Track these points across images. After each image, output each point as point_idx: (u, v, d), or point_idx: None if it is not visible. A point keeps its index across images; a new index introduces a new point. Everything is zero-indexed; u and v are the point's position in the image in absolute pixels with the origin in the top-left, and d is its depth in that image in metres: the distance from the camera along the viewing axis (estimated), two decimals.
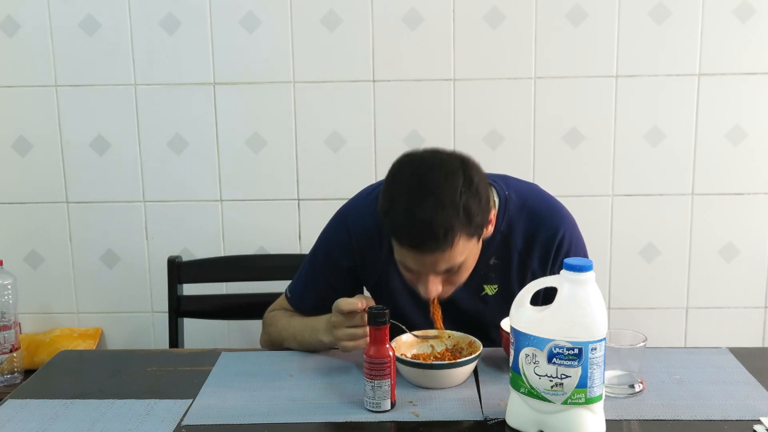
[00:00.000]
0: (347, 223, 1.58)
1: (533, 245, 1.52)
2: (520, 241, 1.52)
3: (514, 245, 1.52)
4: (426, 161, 1.37)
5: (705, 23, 2.17)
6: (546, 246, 1.52)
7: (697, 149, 2.24)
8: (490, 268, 1.53)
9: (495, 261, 1.52)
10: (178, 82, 2.24)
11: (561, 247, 1.52)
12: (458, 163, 1.36)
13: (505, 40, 2.19)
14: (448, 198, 1.31)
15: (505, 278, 1.54)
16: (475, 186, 1.34)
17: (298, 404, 1.31)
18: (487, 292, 1.55)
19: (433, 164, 1.35)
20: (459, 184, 1.32)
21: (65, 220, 2.33)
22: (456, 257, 1.35)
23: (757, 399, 1.30)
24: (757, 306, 2.32)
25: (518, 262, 1.53)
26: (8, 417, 1.29)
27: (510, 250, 1.52)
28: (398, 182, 1.37)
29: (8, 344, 2.12)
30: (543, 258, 1.52)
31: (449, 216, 1.30)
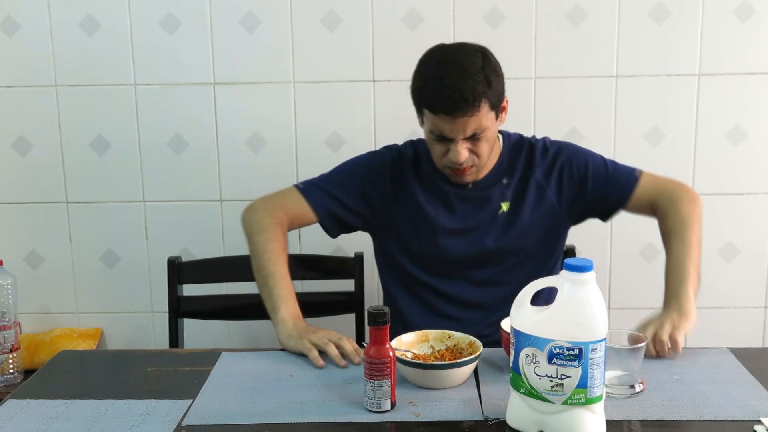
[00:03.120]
0: (379, 159, 1.78)
1: (532, 161, 1.75)
2: (521, 163, 1.75)
3: (516, 167, 1.75)
4: (450, 46, 1.65)
5: (705, 23, 2.17)
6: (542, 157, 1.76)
7: (697, 149, 2.24)
8: (504, 186, 1.74)
9: (506, 181, 1.74)
10: (178, 82, 2.24)
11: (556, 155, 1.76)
12: (478, 47, 1.63)
13: (505, 40, 2.19)
14: (473, 69, 1.56)
15: (516, 194, 1.73)
16: (493, 64, 1.61)
17: (298, 404, 1.31)
18: (503, 209, 1.74)
19: (456, 47, 1.63)
20: (480, 62, 1.58)
21: (65, 220, 2.33)
22: (482, 121, 1.58)
23: (757, 399, 1.30)
24: (757, 306, 2.32)
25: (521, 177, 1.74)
26: (8, 417, 1.29)
27: (514, 169, 1.75)
28: (427, 63, 1.63)
29: (8, 344, 2.12)
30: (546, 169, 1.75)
31: (475, 83, 1.55)
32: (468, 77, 1.55)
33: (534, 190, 1.73)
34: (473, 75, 1.55)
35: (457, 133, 1.59)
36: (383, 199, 1.76)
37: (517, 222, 1.73)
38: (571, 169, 1.74)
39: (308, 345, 1.52)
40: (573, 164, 1.75)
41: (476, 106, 1.55)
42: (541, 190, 1.74)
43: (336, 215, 1.78)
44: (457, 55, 1.60)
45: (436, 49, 1.65)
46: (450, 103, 1.55)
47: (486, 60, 1.60)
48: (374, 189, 1.76)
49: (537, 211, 1.73)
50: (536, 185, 1.73)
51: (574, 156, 1.76)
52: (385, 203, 1.76)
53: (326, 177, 1.81)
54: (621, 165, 1.80)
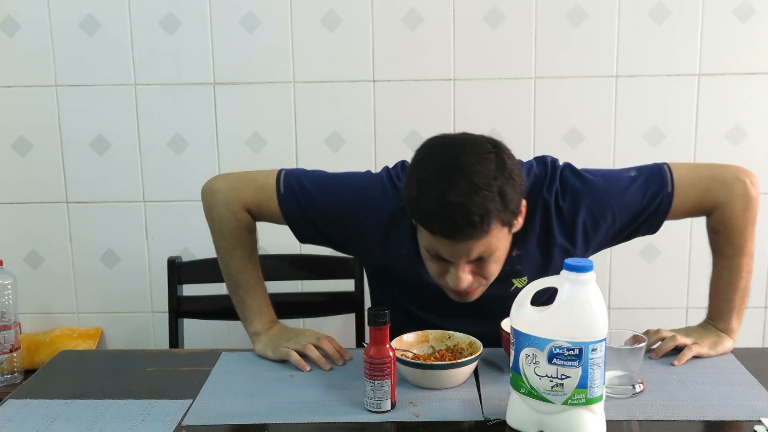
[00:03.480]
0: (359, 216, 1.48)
1: (549, 220, 1.45)
2: (536, 226, 1.45)
3: (531, 231, 1.44)
4: (456, 144, 1.31)
5: (705, 23, 2.17)
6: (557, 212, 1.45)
7: (697, 149, 2.24)
8: (515, 260, 1.45)
9: (517, 252, 1.44)
10: (178, 82, 2.24)
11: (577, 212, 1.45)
12: (490, 146, 1.30)
13: (505, 40, 2.19)
14: (483, 181, 1.24)
15: (533, 266, 1.47)
16: (509, 170, 1.28)
17: (298, 404, 1.31)
18: (517, 286, 1.48)
19: (464, 147, 1.29)
20: (492, 168, 1.26)
21: (65, 220, 2.33)
22: (491, 243, 1.29)
23: (757, 399, 1.30)
24: (757, 306, 2.32)
25: (539, 242, 1.46)
26: (8, 417, 1.29)
27: (528, 236, 1.44)
28: (427, 166, 1.29)
29: (8, 344, 2.12)
30: (565, 229, 1.45)
31: (485, 200, 1.24)
32: (476, 192, 1.23)
33: (558, 255, 1.44)
34: (482, 189, 1.24)
35: (458, 258, 1.31)
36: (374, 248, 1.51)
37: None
38: (595, 224, 1.45)
39: (285, 351, 1.46)
40: (597, 218, 1.45)
41: (485, 229, 1.25)
42: (566, 254, 1.44)
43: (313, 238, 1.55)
44: (463, 161, 1.26)
45: (437, 146, 1.33)
46: (451, 225, 1.25)
47: (500, 165, 1.27)
48: (363, 237, 1.50)
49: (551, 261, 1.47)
50: (560, 250, 1.45)
51: (595, 208, 1.44)
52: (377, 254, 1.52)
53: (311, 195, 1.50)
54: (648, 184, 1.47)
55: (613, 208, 1.45)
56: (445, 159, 1.29)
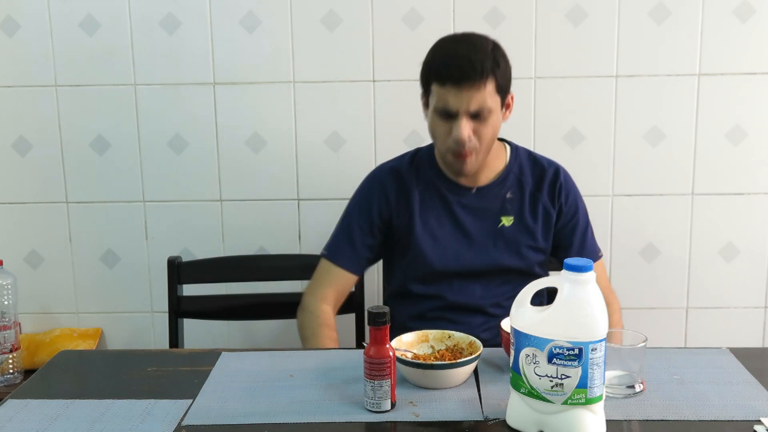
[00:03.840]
0: (376, 175, 1.82)
1: (542, 183, 1.77)
2: (530, 182, 1.77)
3: (525, 183, 1.77)
4: (460, 33, 1.70)
5: (705, 23, 2.17)
6: (552, 183, 1.77)
7: (697, 149, 2.24)
8: (507, 201, 1.75)
9: (510, 195, 1.76)
10: (178, 82, 2.24)
11: (564, 182, 1.78)
12: (489, 39, 1.65)
13: (504, 40, 2.16)
14: (484, 48, 1.61)
15: (521, 210, 1.75)
16: (503, 52, 1.65)
17: (298, 404, 1.31)
18: (504, 224, 1.75)
19: (469, 33, 1.68)
20: (490, 45, 1.63)
21: (65, 220, 2.33)
22: (486, 99, 1.60)
23: (757, 399, 1.30)
24: (757, 306, 2.32)
25: (530, 197, 1.76)
26: (8, 417, 1.28)
27: (522, 187, 1.77)
28: (439, 42, 1.68)
29: (8, 344, 2.12)
30: (550, 192, 1.77)
31: (485, 57, 1.59)
32: (478, 51, 1.59)
33: (541, 212, 1.76)
34: (483, 51, 1.60)
35: (461, 105, 1.59)
36: (391, 216, 1.78)
37: (520, 240, 1.75)
38: (567, 198, 1.78)
39: None
40: (570, 196, 1.79)
41: (483, 78, 1.58)
42: (546, 215, 1.77)
43: (370, 259, 1.83)
44: (469, 36, 1.66)
45: (449, 35, 1.72)
46: (458, 71, 1.58)
47: (496, 46, 1.64)
48: (382, 213, 1.78)
49: (545, 234, 1.77)
50: (543, 209, 1.76)
51: (572, 189, 1.81)
52: (393, 219, 1.78)
53: (343, 229, 1.81)
54: (591, 238, 1.85)
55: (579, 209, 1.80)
56: (455, 36, 1.70)
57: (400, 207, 1.77)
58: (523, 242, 1.75)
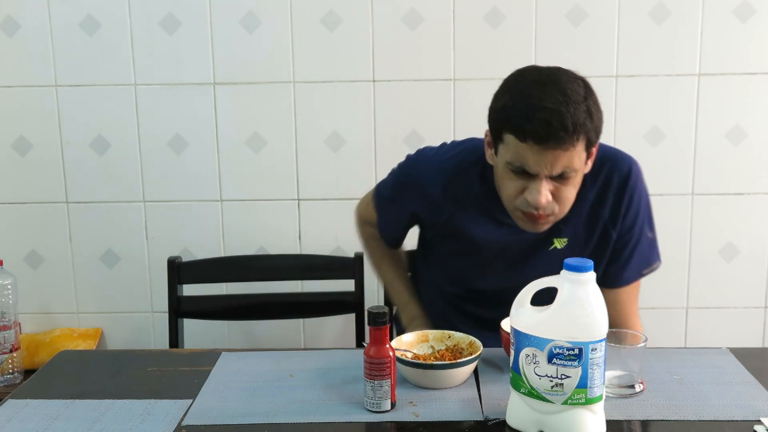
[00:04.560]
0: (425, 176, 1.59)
1: (606, 194, 1.51)
2: (593, 194, 1.51)
3: (587, 198, 1.50)
4: (546, 67, 1.40)
5: (705, 23, 2.17)
6: (618, 190, 1.51)
7: (697, 149, 2.24)
8: (561, 221, 1.48)
9: (568, 213, 1.48)
10: (178, 82, 2.24)
11: (631, 190, 1.51)
12: (578, 75, 1.39)
13: (505, 40, 2.19)
14: (576, 96, 1.33)
15: (576, 232, 1.53)
16: (595, 97, 1.37)
17: (298, 404, 1.31)
18: (556, 246, 1.53)
19: (555, 69, 1.38)
20: (582, 90, 1.35)
21: (65, 220, 2.33)
22: (574, 159, 1.34)
23: (757, 399, 1.30)
24: (757, 306, 2.33)
25: (589, 213, 1.52)
26: (8, 417, 1.29)
27: (582, 201, 1.50)
28: (518, 82, 1.38)
29: (8, 344, 2.12)
30: (614, 206, 1.51)
31: (578, 111, 1.31)
32: (570, 103, 1.31)
33: (599, 230, 1.53)
34: (575, 101, 1.32)
35: (542, 168, 1.34)
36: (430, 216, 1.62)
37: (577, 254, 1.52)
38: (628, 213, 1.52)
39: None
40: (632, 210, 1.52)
41: (574, 138, 1.31)
42: (604, 233, 1.53)
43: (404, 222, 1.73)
44: (557, 77, 1.35)
45: (530, 69, 1.42)
46: (545, 129, 1.30)
47: (588, 90, 1.37)
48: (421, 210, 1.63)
49: (599, 256, 1.54)
50: (602, 227, 1.53)
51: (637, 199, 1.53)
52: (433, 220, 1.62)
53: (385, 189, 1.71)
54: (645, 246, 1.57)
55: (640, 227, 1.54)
56: (539, 76, 1.37)
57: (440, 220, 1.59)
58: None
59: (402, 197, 1.65)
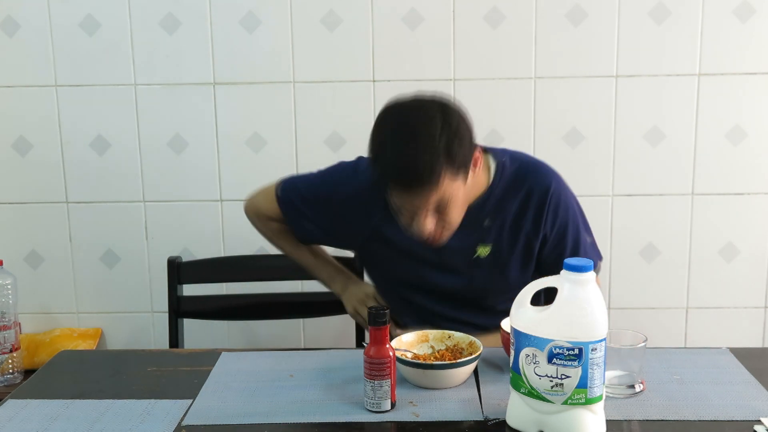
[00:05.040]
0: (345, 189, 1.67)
1: (527, 207, 1.59)
2: (514, 205, 1.59)
3: (508, 209, 1.59)
4: (406, 108, 1.47)
5: (705, 23, 2.17)
6: (538, 206, 1.59)
7: (697, 149, 2.24)
8: (484, 230, 1.60)
9: (489, 223, 1.60)
10: (178, 82, 2.24)
11: (551, 203, 1.59)
12: (437, 107, 1.45)
13: (505, 40, 2.19)
14: (429, 141, 1.40)
15: (500, 240, 1.61)
16: (455, 128, 1.42)
17: (298, 404, 1.31)
18: (479, 255, 1.61)
19: (412, 110, 1.46)
20: (438, 128, 1.41)
21: (65, 220, 2.33)
22: (443, 194, 1.44)
23: (757, 399, 1.30)
24: (757, 306, 2.32)
25: (511, 224, 1.60)
26: (8, 417, 1.29)
27: (504, 213, 1.59)
28: (383, 130, 1.47)
29: (8, 344, 2.12)
30: (536, 217, 1.59)
31: (431, 157, 1.39)
32: (424, 149, 1.39)
33: (523, 242, 1.61)
34: (431, 145, 1.39)
35: (418, 208, 1.45)
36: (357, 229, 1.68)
37: (499, 269, 1.61)
38: (555, 224, 1.60)
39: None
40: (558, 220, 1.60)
41: (433, 181, 1.40)
42: (528, 241, 1.61)
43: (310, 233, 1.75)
44: (412, 120, 1.43)
45: (392, 111, 1.48)
46: (405, 180, 1.42)
47: (445, 122, 1.42)
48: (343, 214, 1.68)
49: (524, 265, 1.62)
50: (525, 238, 1.60)
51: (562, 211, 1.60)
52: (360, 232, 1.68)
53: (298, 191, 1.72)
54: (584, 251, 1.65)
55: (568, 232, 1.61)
56: (396, 123, 1.45)
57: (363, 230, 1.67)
58: (498, 274, 1.61)
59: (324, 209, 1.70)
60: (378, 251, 1.69)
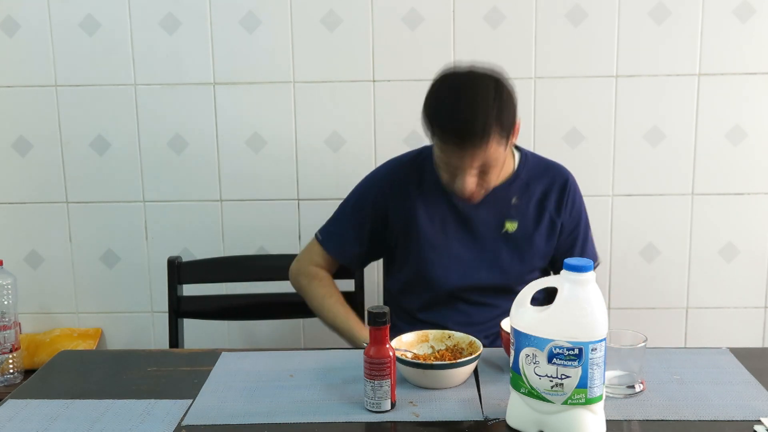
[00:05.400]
0: (375, 176, 1.82)
1: (550, 191, 1.75)
2: (538, 189, 1.75)
3: (533, 192, 1.74)
4: (463, 72, 1.60)
5: (705, 23, 2.17)
6: (560, 191, 1.76)
7: (697, 149, 2.24)
8: (512, 207, 1.73)
9: (516, 201, 1.74)
10: (178, 82, 2.24)
11: (570, 191, 1.76)
12: (491, 78, 1.58)
13: (505, 40, 2.19)
14: (484, 98, 1.53)
15: (526, 218, 1.74)
16: (506, 97, 1.57)
17: (298, 404, 1.31)
18: (507, 229, 1.73)
19: (469, 74, 1.59)
20: (492, 94, 1.54)
21: (65, 220, 2.33)
22: (490, 154, 1.56)
23: (757, 399, 1.30)
24: (757, 306, 2.32)
25: (536, 205, 1.74)
26: (8, 417, 1.29)
27: (529, 194, 1.74)
28: (437, 90, 1.59)
29: (8, 344, 2.12)
30: (558, 201, 1.75)
31: (486, 113, 1.52)
32: (478, 106, 1.52)
33: (547, 221, 1.74)
34: (484, 104, 1.53)
35: (463, 164, 1.57)
36: (387, 217, 1.77)
37: (527, 242, 1.74)
38: (572, 210, 1.77)
39: None
40: (575, 207, 1.78)
41: (485, 139, 1.52)
42: (551, 223, 1.75)
43: (358, 255, 1.84)
44: (470, 82, 1.57)
45: (449, 74, 1.62)
46: (458, 133, 1.53)
47: (498, 89, 1.56)
48: (380, 213, 1.77)
49: (548, 241, 1.76)
50: (549, 217, 1.75)
51: (578, 200, 1.79)
52: (391, 221, 1.77)
53: (338, 217, 1.83)
54: (591, 246, 1.84)
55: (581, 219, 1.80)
56: (455, 81, 1.59)
57: (398, 210, 1.76)
58: (527, 248, 1.74)
59: (366, 200, 1.79)
60: (411, 246, 1.75)
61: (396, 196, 1.76)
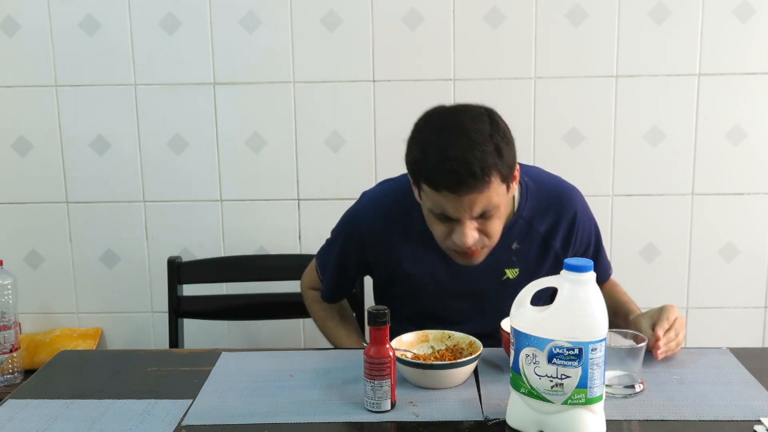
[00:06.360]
0: (357, 221, 1.63)
1: (557, 228, 1.57)
2: (543, 227, 1.57)
3: (536, 230, 1.56)
4: (450, 109, 1.44)
5: (705, 23, 2.17)
6: (569, 227, 1.58)
7: (697, 149, 2.24)
8: (512, 252, 1.56)
9: (517, 246, 1.56)
10: (178, 82, 2.24)
11: (579, 225, 1.59)
12: (482, 109, 1.42)
13: (505, 40, 2.19)
14: (480, 138, 1.35)
15: (528, 262, 1.57)
16: (503, 130, 1.40)
17: (298, 404, 1.31)
18: (508, 276, 1.57)
19: (458, 111, 1.43)
20: (487, 127, 1.37)
21: (65, 220, 2.33)
22: (492, 197, 1.38)
23: (757, 399, 1.30)
24: (757, 306, 2.32)
25: (540, 245, 1.57)
26: (8, 417, 1.29)
27: (532, 234, 1.56)
28: (427, 130, 1.42)
29: (8, 344, 2.12)
30: (565, 238, 1.58)
31: (484, 153, 1.34)
32: (476, 147, 1.34)
33: (551, 260, 1.57)
34: (481, 144, 1.34)
35: (463, 213, 1.38)
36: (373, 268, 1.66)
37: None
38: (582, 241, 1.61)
39: None
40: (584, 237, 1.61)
41: (486, 181, 1.34)
42: (556, 260, 1.57)
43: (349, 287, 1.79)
44: (460, 120, 1.39)
45: (435, 113, 1.45)
46: (454, 178, 1.34)
47: (494, 124, 1.39)
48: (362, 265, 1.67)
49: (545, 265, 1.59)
50: (554, 256, 1.58)
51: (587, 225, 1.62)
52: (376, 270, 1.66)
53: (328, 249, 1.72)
54: (603, 257, 1.69)
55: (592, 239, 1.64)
56: (444, 122, 1.41)
57: (381, 263, 1.62)
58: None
59: (348, 249, 1.65)
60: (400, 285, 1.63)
61: (378, 249, 1.60)
